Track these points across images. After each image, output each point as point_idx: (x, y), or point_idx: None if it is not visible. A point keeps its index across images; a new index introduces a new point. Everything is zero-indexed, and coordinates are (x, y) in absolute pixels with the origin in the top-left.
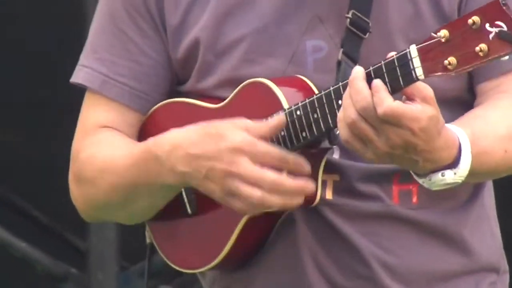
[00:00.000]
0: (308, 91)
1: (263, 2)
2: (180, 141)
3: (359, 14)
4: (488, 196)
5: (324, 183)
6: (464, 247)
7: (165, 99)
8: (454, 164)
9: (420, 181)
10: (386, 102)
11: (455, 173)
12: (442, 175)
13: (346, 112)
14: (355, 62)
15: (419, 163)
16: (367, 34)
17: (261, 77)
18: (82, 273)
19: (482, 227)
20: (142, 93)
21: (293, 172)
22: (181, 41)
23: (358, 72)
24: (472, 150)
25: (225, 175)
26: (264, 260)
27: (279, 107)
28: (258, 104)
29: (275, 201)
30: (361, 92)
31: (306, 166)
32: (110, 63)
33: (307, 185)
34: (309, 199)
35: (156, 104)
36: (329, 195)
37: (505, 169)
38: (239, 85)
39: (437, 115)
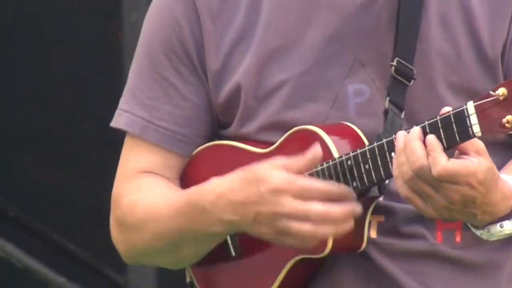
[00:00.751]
0: (356, 139)
1: (304, 46)
2: (222, 190)
3: (403, 62)
4: None
5: (369, 223)
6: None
7: (207, 143)
8: (511, 214)
9: (478, 233)
10: (440, 163)
11: None
12: (501, 227)
13: (403, 170)
14: (401, 110)
15: (477, 216)
16: (412, 81)
17: (304, 121)
18: None
19: None
20: (184, 136)
21: (339, 200)
22: (222, 86)
23: (414, 132)
24: None
25: (273, 217)
26: None
27: (329, 156)
28: (307, 152)
29: (327, 230)
30: (416, 152)
31: (350, 192)
32: (151, 108)
33: (355, 208)
34: (356, 243)
35: (197, 147)
36: (373, 234)
37: None
38: (281, 130)
39: (493, 167)
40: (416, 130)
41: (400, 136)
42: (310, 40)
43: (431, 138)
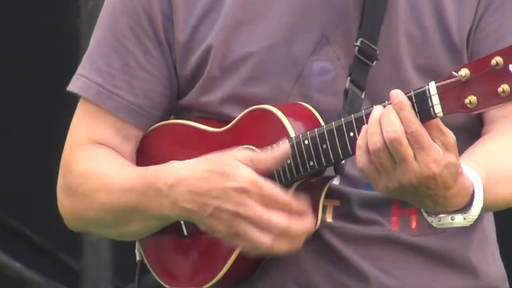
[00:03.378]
0: (313, 120)
1: (272, 20)
2: (184, 176)
3: (367, 42)
4: (488, 220)
5: (324, 208)
6: (470, 269)
7: (164, 116)
8: (464, 209)
9: (429, 219)
10: (415, 124)
11: (464, 218)
12: (452, 219)
13: (372, 139)
14: (362, 90)
15: (427, 204)
16: (375, 62)
17: (266, 97)
18: None
19: (484, 250)
20: (139, 107)
21: (298, 215)
22: (189, 57)
23: (381, 107)
24: (486, 196)
25: (233, 216)
26: (259, 281)
27: (286, 135)
28: (263, 131)
29: (283, 247)
30: (394, 124)
31: (309, 214)
32: (107, 74)
33: (311, 226)
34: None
35: (153, 120)
36: (329, 218)
37: None
38: (242, 104)
39: (455, 163)
40: (380, 108)
41: (377, 108)
42: (277, 14)
43: (401, 94)
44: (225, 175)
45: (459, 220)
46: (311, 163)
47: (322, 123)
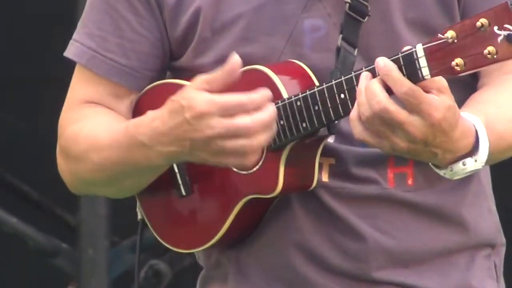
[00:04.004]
0: (307, 79)
1: None
2: (157, 123)
3: None
4: (484, 172)
5: (320, 166)
6: (462, 225)
7: (159, 76)
8: (473, 151)
9: (441, 172)
10: (406, 82)
11: (475, 160)
12: (464, 164)
13: (361, 110)
14: (354, 47)
15: (438, 155)
16: (366, 18)
17: (259, 56)
18: (73, 249)
19: (480, 204)
20: (132, 69)
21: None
22: (179, 19)
23: (369, 74)
24: (489, 136)
25: (206, 141)
26: (257, 241)
27: (279, 97)
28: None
29: (262, 139)
30: (377, 95)
31: (269, 93)
32: (99, 38)
33: (272, 109)
34: (306, 183)
35: (147, 81)
36: (325, 177)
37: None
38: None
39: (454, 105)
40: (369, 75)
41: (363, 77)
42: None
43: (385, 59)
44: (184, 108)
45: (470, 164)
46: (304, 125)
47: (316, 81)
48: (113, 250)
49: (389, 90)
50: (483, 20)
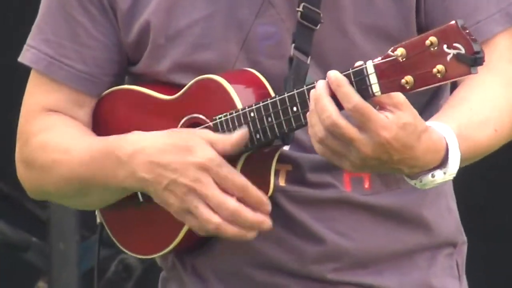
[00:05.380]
0: (261, 88)
1: None
2: (145, 146)
3: (310, 6)
4: None
5: (277, 172)
6: (421, 225)
7: (117, 81)
8: (443, 164)
9: (412, 183)
10: (354, 98)
11: (444, 173)
12: (433, 176)
13: (314, 130)
14: (307, 55)
15: (403, 170)
16: (319, 25)
17: (214, 62)
18: (43, 243)
19: (439, 203)
20: (91, 76)
21: (253, 206)
22: (132, 25)
23: (321, 88)
24: (461, 145)
25: (188, 191)
26: (213, 246)
27: (233, 107)
28: (211, 101)
29: (230, 231)
30: (327, 110)
31: (266, 204)
32: (57, 44)
33: (265, 220)
34: (262, 191)
35: (106, 86)
36: (282, 182)
37: (497, 145)
38: (191, 71)
39: (412, 121)
40: (323, 86)
41: (311, 97)
42: None
43: (337, 73)
44: (188, 150)
45: (439, 176)
46: (258, 136)
47: (270, 90)
48: (83, 244)
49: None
50: (433, 38)
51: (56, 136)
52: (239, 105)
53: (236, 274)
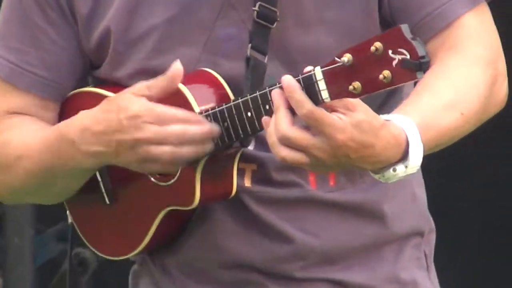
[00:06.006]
0: (220, 90)
1: None
2: (88, 122)
3: (266, 5)
4: None
5: (242, 172)
6: (386, 218)
7: (81, 84)
8: (404, 158)
9: (376, 176)
10: (307, 104)
11: (406, 166)
12: (394, 171)
13: (270, 139)
14: (264, 54)
15: (365, 167)
16: (275, 23)
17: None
18: None
19: (403, 193)
20: (54, 82)
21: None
22: (92, 30)
23: (276, 99)
24: (425, 135)
25: (133, 144)
26: (182, 245)
27: (190, 109)
28: (170, 103)
29: (187, 151)
30: (278, 122)
31: (209, 124)
32: (18, 51)
33: (213, 128)
34: (226, 192)
35: (69, 90)
36: (247, 183)
37: (467, 128)
38: (152, 75)
39: (365, 119)
40: (277, 96)
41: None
42: None
43: (290, 78)
44: (119, 108)
45: (401, 169)
46: (215, 140)
47: (229, 92)
48: (39, 238)
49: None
50: (378, 44)
51: (18, 134)
52: (196, 109)
53: (205, 272)
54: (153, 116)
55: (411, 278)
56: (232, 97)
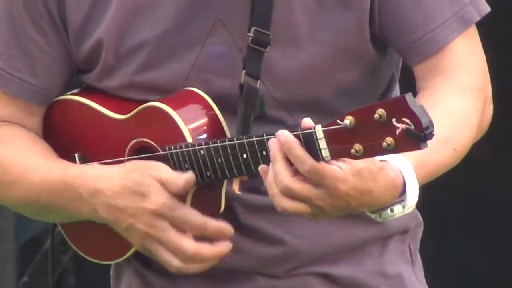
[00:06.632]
0: (209, 110)
1: (166, 5)
2: (103, 187)
3: (260, 30)
4: None
5: (231, 180)
6: (372, 220)
7: (67, 89)
8: (401, 198)
9: (373, 216)
10: (308, 160)
11: (403, 207)
12: (391, 211)
13: (271, 190)
14: (257, 79)
15: (365, 210)
16: (268, 47)
17: (164, 81)
18: None
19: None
20: (42, 88)
21: (214, 236)
22: (83, 41)
23: (274, 150)
24: (420, 172)
25: (145, 236)
26: None
27: (181, 136)
28: (160, 128)
29: (192, 270)
30: (279, 174)
31: (227, 230)
32: (7, 58)
33: (226, 247)
34: (215, 211)
35: (56, 95)
36: (236, 189)
37: (457, 161)
38: (141, 89)
39: (366, 166)
40: (275, 148)
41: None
42: None
43: (287, 134)
44: (141, 195)
45: (398, 210)
46: (208, 173)
47: (217, 111)
48: (20, 216)
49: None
50: (381, 111)
51: (12, 154)
52: (189, 139)
53: (193, 279)
54: (173, 218)
55: (396, 272)
56: (223, 122)
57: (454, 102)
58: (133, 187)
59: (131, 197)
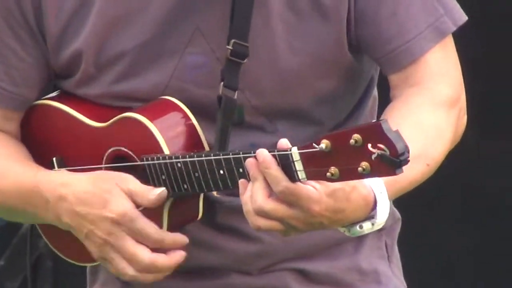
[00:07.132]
0: (187, 119)
1: (146, 15)
2: (68, 193)
3: (239, 42)
4: None
5: None
6: None
7: (44, 93)
8: (371, 216)
9: (341, 230)
10: (282, 181)
11: (373, 224)
12: (360, 227)
13: (246, 207)
14: (234, 90)
15: (337, 227)
16: (246, 59)
17: (143, 91)
18: None
19: None
20: (21, 96)
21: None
22: (62, 50)
23: (252, 170)
24: (392, 189)
25: (103, 243)
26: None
27: (158, 147)
28: (137, 138)
29: (147, 278)
30: (253, 195)
31: (183, 240)
32: None
33: (180, 257)
34: (193, 218)
35: (34, 100)
36: (214, 192)
37: (429, 175)
38: (119, 98)
39: (339, 186)
40: (253, 168)
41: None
42: (152, 9)
43: (265, 154)
44: (103, 202)
45: (368, 226)
46: (185, 186)
47: (194, 121)
48: None
49: None
50: (357, 136)
51: None
52: (166, 151)
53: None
54: (132, 230)
55: (371, 268)
56: (200, 132)
57: (428, 114)
58: (98, 194)
59: (94, 204)
